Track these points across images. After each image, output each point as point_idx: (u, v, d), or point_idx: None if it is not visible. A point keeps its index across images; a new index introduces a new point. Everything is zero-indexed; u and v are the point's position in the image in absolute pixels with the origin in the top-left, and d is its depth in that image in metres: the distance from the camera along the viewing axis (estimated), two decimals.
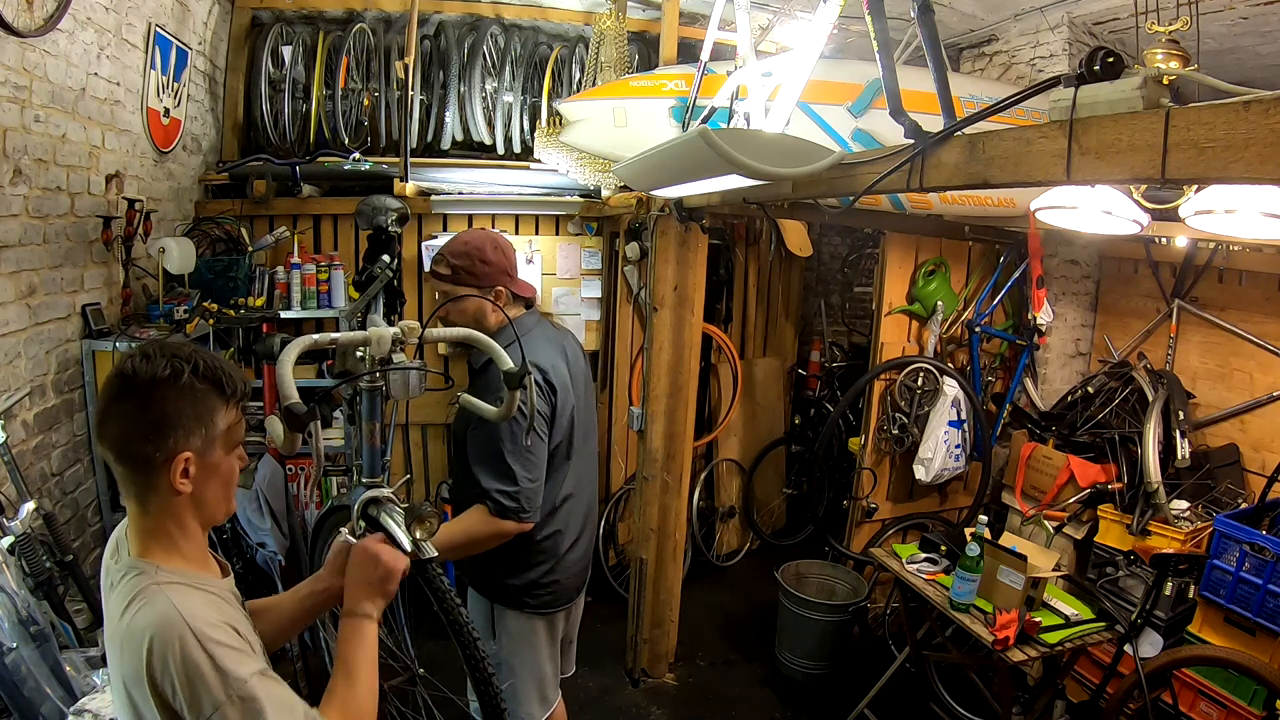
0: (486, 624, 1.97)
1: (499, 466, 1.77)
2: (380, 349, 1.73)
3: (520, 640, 1.97)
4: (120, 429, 1.02)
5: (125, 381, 1.02)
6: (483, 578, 1.96)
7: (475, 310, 1.89)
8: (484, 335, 1.74)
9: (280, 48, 3.63)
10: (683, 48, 3.34)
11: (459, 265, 1.87)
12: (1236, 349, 3.08)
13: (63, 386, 2.42)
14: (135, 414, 1.01)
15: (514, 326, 1.80)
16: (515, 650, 1.96)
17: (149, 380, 1.01)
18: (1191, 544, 2.65)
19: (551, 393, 1.87)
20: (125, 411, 1.02)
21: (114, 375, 1.04)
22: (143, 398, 1.01)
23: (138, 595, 0.98)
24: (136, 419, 1.01)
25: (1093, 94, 1.19)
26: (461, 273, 1.87)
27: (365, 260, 3.30)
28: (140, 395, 1.01)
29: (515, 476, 1.77)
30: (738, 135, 2.01)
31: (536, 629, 1.98)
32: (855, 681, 3.16)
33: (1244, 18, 2.89)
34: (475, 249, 1.88)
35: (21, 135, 2.14)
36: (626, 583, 3.49)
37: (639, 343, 3.81)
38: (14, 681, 1.56)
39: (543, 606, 1.97)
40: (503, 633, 1.96)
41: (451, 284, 1.88)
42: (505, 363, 1.55)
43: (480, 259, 1.87)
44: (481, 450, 1.79)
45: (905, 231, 3.43)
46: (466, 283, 1.87)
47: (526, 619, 1.96)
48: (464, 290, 1.87)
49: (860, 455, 3.55)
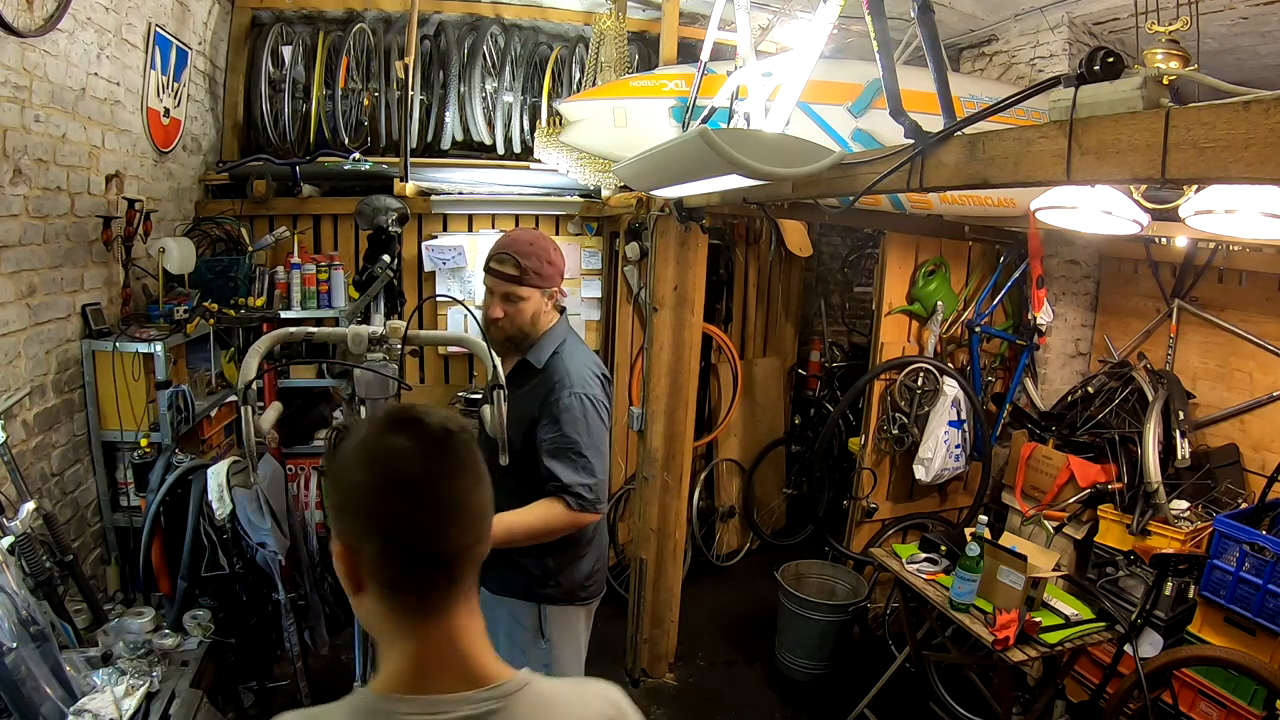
0: (532, 628, 1.95)
1: (578, 461, 1.80)
2: (357, 347, 1.78)
3: (568, 634, 1.99)
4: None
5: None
6: (532, 583, 1.92)
7: (534, 310, 1.89)
8: (475, 339, 1.82)
9: (280, 48, 3.63)
10: (683, 48, 3.34)
11: (529, 266, 1.85)
12: (1236, 349, 3.08)
13: (63, 386, 2.42)
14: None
15: (557, 330, 1.93)
16: (564, 646, 1.98)
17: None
18: (1191, 544, 2.65)
19: (609, 384, 1.94)
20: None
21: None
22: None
23: None
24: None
25: (1093, 94, 1.19)
26: (530, 273, 1.86)
27: (365, 260, 3.30)
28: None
29: (593, 469, 1.82)
30: (738, 135, 2.01)
31: (580, 621, 2.02)
32: (855, 681, 3.16)
33: (1244, 18, 2.89)
34: (543, 250, 1.88)
35: (21, 135, 2.14)
36: (626, 583, 3.49)
37: (639, 343, 3.81)
38: (14, 681, 1.56)
39: (590, 596, 2.02)
40: (554, 632, 1.96)
41: (516, 284, 1.86)
42: (489, 367, 1.68)
43: (547, 260, 1.88)
44: (558, 446, 1.81)
45: (905, 231, 3.43)
46: (532, 283, 1.86)
47: (574, 612, 1.99)
48: (527, 291, 1.86)
49: (860, 455, 3.55)
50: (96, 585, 2.45)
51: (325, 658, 2.78)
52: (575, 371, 1.85)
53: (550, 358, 1.89)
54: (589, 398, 1.83)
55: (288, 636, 2.46)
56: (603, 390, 1.90)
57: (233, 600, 2.45)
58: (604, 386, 1.91)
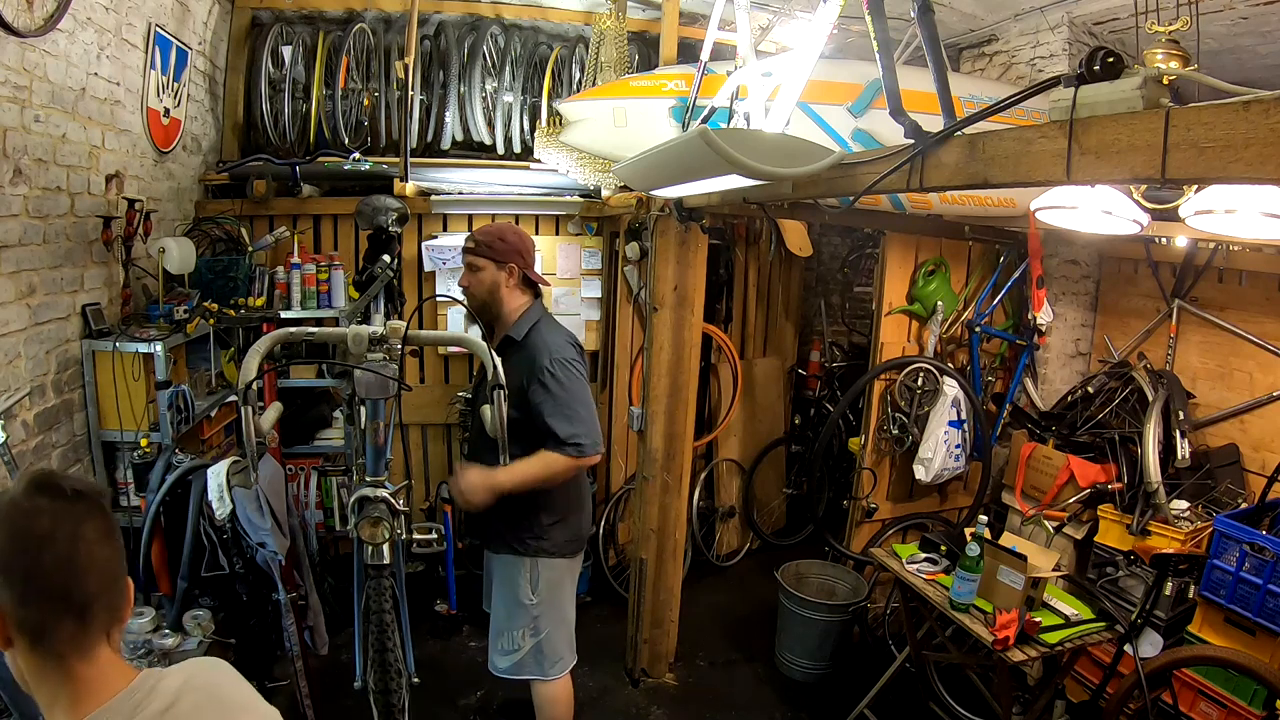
0: (523, 582, 2.27)
1: (567, 412, 2.11)
2: (358, 347, 1.85)
3: (555, 586, 2.31)
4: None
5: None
6: (524, 536, 2.25)
7: (491, 281, 2.24)
8: (475, 339, 2.11)
9: (280, 48, 3.63)
10: (683, 48, 3.34)
11: (481, 240, 2.24)
12: (1236, 349, 3.08)
13: (63, 386, 2.42)
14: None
15: (531, 311, 2.26)
16: (552, 597, 2.30)
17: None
18: (1191, 544, 2.65)
19: (581, 350, 2.25)
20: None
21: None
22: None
23: None
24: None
25: (1093, 94, 1.19)
26: (483, 246, 2.23)
27: (365, 260, 3.31)
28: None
29: (583, 419, 2.13)
30: (738, 135, 2.01)
31: (564, 573, 2.35)
32: (855, 681, 3.16)
33: (1244, 18, 2.89)
34: (497, 231, 2.28)
35: (21, 135, 2.14)
36: (626, 583, 3.49)
37: (639, 343, 3.81)
38: (14, 681, 1.56)
39: (574, 551, 2.36)
40: (542, 583, 2.28)
41: (473, 255, 2.25)
42: (489, 367, 1.92)
43: (499, 238, 2.24)
44: (550, 406, 2.11)
45: (905, 231, 3.43)
46: (485, 254, 2.23)
47: (561, 564, 2.31)
48: (482, 261, 2.23)
49: (860, 455, 3.55)
50: None
51: (325, 658, 2.77)
52: (552, 341, 2.19)
53: (529, 333, 2.22)
54: (566, 361, 2.15)
55: (288, 636, 2.46)
56: (577, 354, 2.22)
57: (233, 600, 2.45)
58: (578, 351, 2.24)
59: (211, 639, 2.28)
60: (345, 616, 2.86)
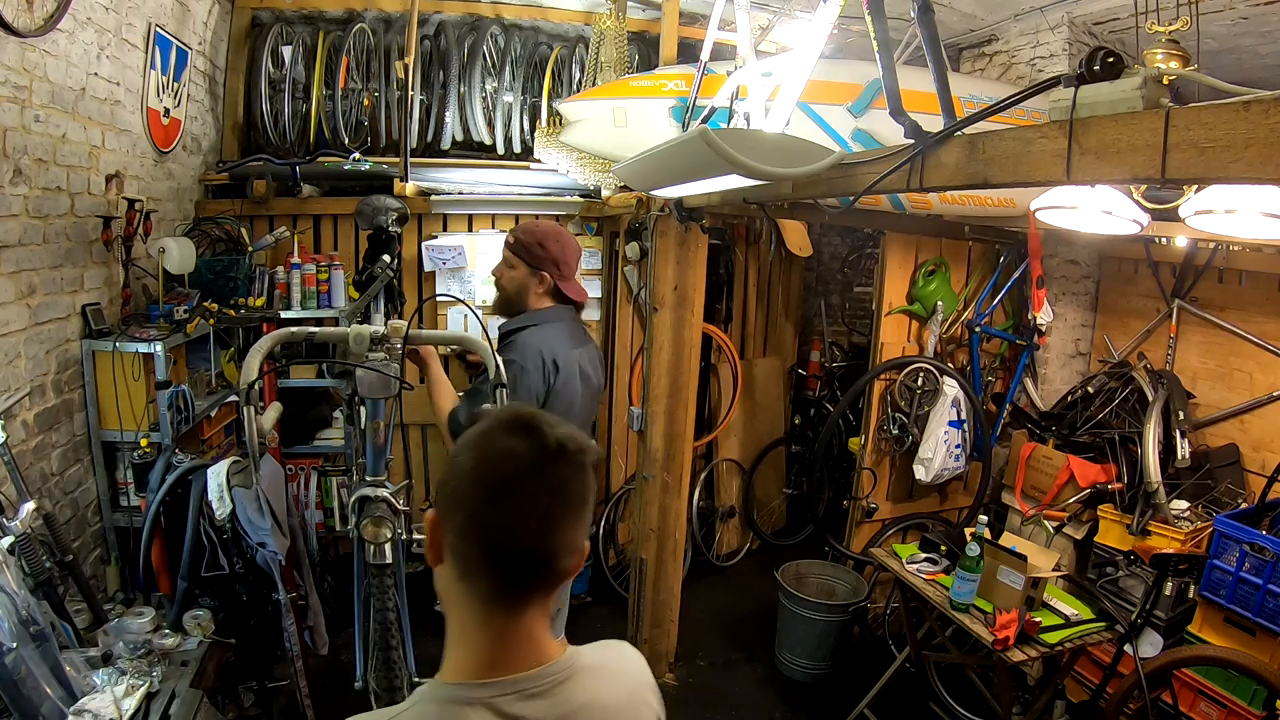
0: None
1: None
2: (359, 347, 1.86)
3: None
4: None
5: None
6: None
7: (521, 282, 2.20)
8: (475, 338, 2.07)
9: (280, 48, 3.62)
10: (683, 48, 3.34)
11: (522, 240, 2.20)
12: (1236, 349, 3.08)
13: (63, 386, 2.42)
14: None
15: (542, 314, 2.20)
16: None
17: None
18: (1191, 544, 2.65)
19: (554, 371, 2.11)
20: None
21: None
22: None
23: None
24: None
25: (1093, 94, 1.19)
26: (520, 247, 2.20)
27: (365, 260, 3.30)
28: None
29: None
30: (738, 135, 2.01)
31: None
32: (855, 681, 3.16)
33: (1244, 18, 2.89)
34: (540, 235, 2.21)
35: (21, 135, 2.14)
36: (626, 583, 3.49)
37: (639, 343, 3.81)
38: (14, 681, 1.56)
39: None
40: None
41: (510, 252, 2.22)
42: (491, 366, 1.90)
43: (540, 243, 2.19)
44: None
45: (905, 231, 3.43)
46: (520, 255, 2.19)
47: None
48: (516, 260, 2.20)
49: (860, 455, 3.55)
50: (96, 585, 2.45)
51: (325, 658, 2.77)
52: (529, 347, 2.11)
53: (522, 329, 2.17)
54: (523, 368, 2.08)
55: (288, 636, 2.46)
56: (541, 365, 2.10)
57: (233, 600, 2.45)
58: (549, 367, 2.11)
59: (211, 639, 2.28)
60: (345, 617, 2.85)
